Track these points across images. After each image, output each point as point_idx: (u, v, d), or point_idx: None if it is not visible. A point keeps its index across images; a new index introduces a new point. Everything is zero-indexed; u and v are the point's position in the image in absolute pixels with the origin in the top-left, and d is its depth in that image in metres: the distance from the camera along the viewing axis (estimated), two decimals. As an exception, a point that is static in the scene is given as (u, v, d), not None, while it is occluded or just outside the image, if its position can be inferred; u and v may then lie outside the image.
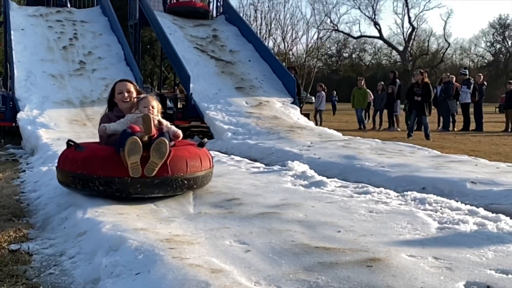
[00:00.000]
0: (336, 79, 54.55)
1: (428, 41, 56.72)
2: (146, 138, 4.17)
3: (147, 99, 4.61)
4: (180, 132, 4.56)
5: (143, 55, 32.51)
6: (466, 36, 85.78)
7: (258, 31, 34.47)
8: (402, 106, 19.28)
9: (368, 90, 21.72)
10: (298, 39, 45.97)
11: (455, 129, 17.30)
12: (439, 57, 56.69)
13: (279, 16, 37.41)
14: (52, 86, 12.83)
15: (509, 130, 17.27)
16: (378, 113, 18.63)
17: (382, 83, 19.18)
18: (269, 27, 36.29)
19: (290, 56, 39.30)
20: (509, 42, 57.75)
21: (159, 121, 4.46)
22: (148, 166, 4.11)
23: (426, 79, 14.05)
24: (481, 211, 3.92)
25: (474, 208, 4.03)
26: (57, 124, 11.03)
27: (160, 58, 24.11)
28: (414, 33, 54.73)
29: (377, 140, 10.11)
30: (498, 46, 61.00)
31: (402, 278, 2.46)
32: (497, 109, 35.06)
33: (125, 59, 14.29)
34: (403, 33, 55.51)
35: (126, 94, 4.75)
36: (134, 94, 4.78)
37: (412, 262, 2.70)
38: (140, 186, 4.15)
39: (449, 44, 57.69)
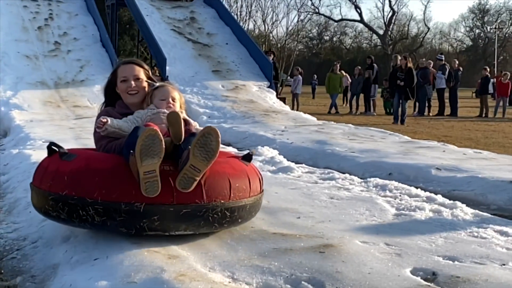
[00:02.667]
0: (317, 62, 54.57)
1: (408, 25, 56.91)
2: (170, 145, 2.86)
3: (165, 89, 3.24)
4: None
5: (122, 35, 32.25)
6: (446, 21, 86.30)
7: (238, 13, 34.30)
8: (379, 90, 19.43)
9: (345, 74, 21.81)
10: (278, 22, 45.75)
11: (430, 114, 17.51)
12: (419, 41, 56.98)
13: (260, -3, 37.25)
14: (26, 67, 12.74)
15: (483, 115, 17.54)
16: (355, 97, 18.76)
17: (359, 67, 19.28)
18: (249, 9, 36.16)
19: (271, 39, 39.26)
20: (488, 28, 58.15)
21: (184, 120, 3.06)
22: (184, 173, 2.70)
23: (410, 64, 14.21)
24: (439, 198, 4.04)
25: (432, 195, 4.14)
26: (30, 106, 10.97)
27: (138, 38, 23.93)
28: (394, 17, 54.89)
29: (350, 125, 10.23)
30: (477, 31, 61.37)
31: (352, 263, 2.55)
32: (474, 94, 35.45)
33: (101, 40, 14.18)
34: (383, 17, 55.67)
35: (133, 83, 3.26)
36: (145, 83, 3.31)
37: (363, 248, 2.79)
38: (159, 218, 2.74)
39: (428, 28, 57.95)
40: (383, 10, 54.93)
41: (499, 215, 4.03)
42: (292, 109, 15.82)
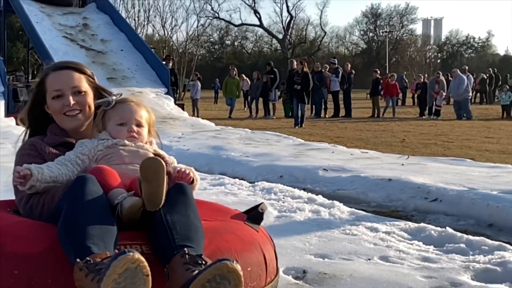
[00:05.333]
0: (219, 67, 54.88)
1: (306, 29, 58.57)
2: (139, 210, 1.83)
3: (126, 108, 2.15)
4: (197, 176, 2.23)
5: (15, 42, 30.84)
6: (342, 25, 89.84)
7: (136, 18, 33.91)
8: (279, 93, 19.90)
9: (246, 78, 22.15)
10: (178, 27, 45.65)
11: (327, 116, 18.16)
12: (317, 45, 58.82)
13: (158, 3, 37.08)
14: None
15: (376, 115, 18.44)
16: (254, 101, 19.10)
17: (257, 72, 19.67)
18: (147, 14, 35.83)
19: (171, 44, 39.12)
20: (380, 31, 61.15)
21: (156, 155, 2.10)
22: None
23: (306, 69, 14.71)
24: (319, 198, 4.24)
25: (313, 195, 4.34)
26: None
27: (28, 46, 23.03)
28: (292, 22, 56.28)
29: (247, 129, 10.43)
30: (370, 34, 64.31)
31: (228, 268, 2.63)
32: (368, 95, 37.17)
33: (-13, 49, 13.52)
34: (282, 22, 56.91)
35: (71, 100, 2.15)
36: (91, 96, 2.21)
37: (241, 252, 2.88)
38: None
39: (325, 32, 59.97)
40: (281, 15, 56.19)
41: (377, 212, 4.31)
42: (192, 115, 15.86)
